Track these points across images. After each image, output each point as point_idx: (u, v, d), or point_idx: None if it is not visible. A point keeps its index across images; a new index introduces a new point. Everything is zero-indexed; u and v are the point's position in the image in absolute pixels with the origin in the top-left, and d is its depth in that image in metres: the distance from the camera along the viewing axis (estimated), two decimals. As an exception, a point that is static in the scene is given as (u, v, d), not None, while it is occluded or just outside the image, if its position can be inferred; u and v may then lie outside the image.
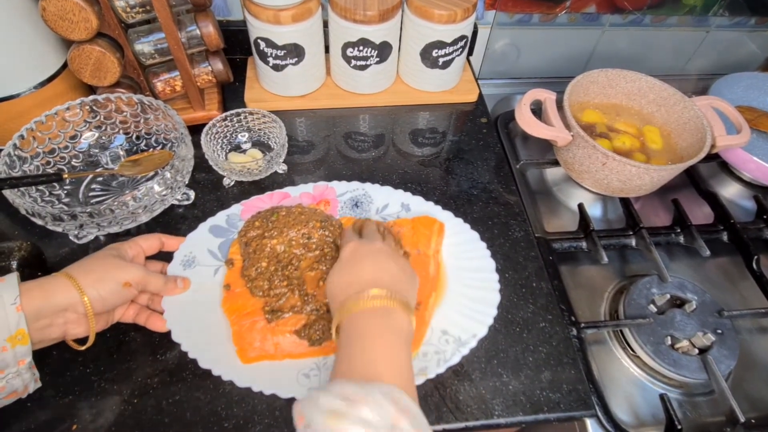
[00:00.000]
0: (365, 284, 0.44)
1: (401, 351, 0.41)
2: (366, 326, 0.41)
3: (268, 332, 0.50)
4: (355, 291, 0.43)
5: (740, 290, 0.67)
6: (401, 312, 0.43)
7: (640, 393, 0.56)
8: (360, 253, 0.47)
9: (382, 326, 0.41)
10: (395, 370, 0.39)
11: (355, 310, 0.42)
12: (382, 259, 0.47)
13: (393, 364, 0.39)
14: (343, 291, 0.44)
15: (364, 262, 0.46)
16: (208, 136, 0.64)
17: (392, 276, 0.45)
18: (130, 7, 0.59)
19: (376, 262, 0.46)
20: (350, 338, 0.41)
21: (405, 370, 0.40)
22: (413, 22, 0.71)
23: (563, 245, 0.67)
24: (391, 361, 0.39)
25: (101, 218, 0.53)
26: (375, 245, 0.48)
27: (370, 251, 0.48)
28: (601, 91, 0.76)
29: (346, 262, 0.47)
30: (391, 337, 0.41)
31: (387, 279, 0.45)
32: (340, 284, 0.46)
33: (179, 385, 0.49)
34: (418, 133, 0.76)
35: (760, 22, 0.90)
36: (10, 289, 0.41)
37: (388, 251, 0.48)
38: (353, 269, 0.46)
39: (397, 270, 0.46)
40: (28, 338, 0.41)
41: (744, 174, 0.79)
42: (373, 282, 0.44)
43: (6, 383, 0.41)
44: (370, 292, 0.42)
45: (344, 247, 0.49)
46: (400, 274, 0.46)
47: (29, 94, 0.62)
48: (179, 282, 0.52)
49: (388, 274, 0.45)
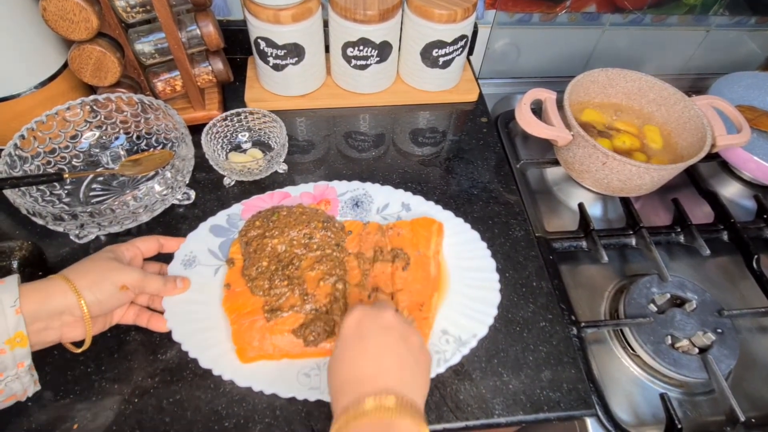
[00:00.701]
0: (366, 384, 0.39)
1: None
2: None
3: (266, 331, 0.50)
4: (353, 398, 0.38)
5: (740, 289, 0.67)
6: (407, 422, 0.36)
7: (640, 392, 0.56)
8: (364, 329, 0.42)
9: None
10: None
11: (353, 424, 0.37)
12: (391, 341, 0.41)
13: None
14: (342, 391, 0.39)
15: (367, 345, 0.41)
16: (209, 136, 0.64)
17: (400, 367, 0.40)
18: (131, 6, 0.59)
19: (382, 347, 0.41)
20: None
21: None
22: (413, 22, 0.71)
23: (563, 245, 0.67)
24: None
25: (102, 218, 0.53)
26: (384, 318, 0.43)
27: (378, 328, 0.42)
28: (602, 90, 0.76)
29: (347, 340, 0.42)
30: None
31: (394, 372, 0.40)
32: (339, 376, 0.40)
33: (180, 384, 0.49)
34: (418, 132, 0.76)
35: (760, 22, 0.90)
36: (9, 292, 0.41)
37: (399, 329, 0.42)
38: (355, 356, 0.41)
39: (407, 355, 0.41)
40: (27, 341, 0.41)
41: (744, 173, 0.79)
42: (375, 380, 0.39)
43: (5, 386, 0.41)
44: (370, 403, 0.37)
45: (348, 315, 0.44)
46: (409, 362, 0.41)
47: (30, 94, 0.62)
48: (178, 282, 0.52)
49: (395, 366, 0.40)
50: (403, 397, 0.38)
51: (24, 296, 0.41)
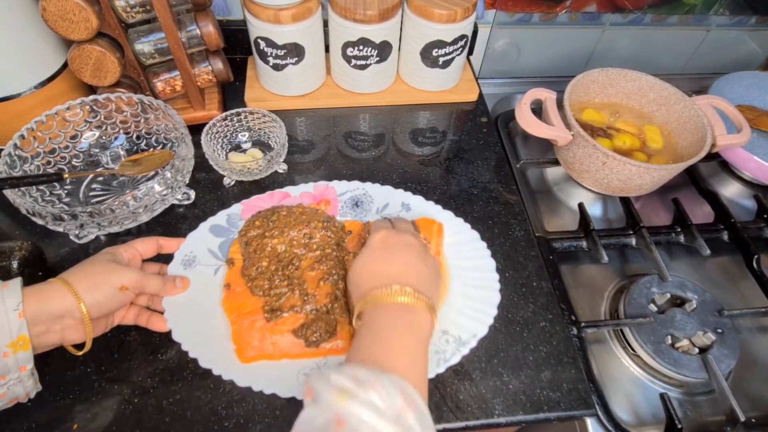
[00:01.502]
0: (393, 278, 0.43)
1: (419, 349, 0.41)
2: (388, 320, 0.41)
3: (266, 331, 0.50)
4: (382, 283, 0.43)
5: (740, 289, 0.67)
6: (425, 312, 0.42)
7: (640, 392, 0.56)
8: (390, 244, 0.47)
9: (405, 323, 0.41)
10: (410, 366, 0.39)
11: (380, 302, 0.42)
12: (412, 255, 0.46)
13: (409, 360, 0.39)
14: (369, 280, 0.44)
15: (393, 254, 0.46)
16: (209, 136, 0.64)
17: (419, 274, 0.45)
18: (130, 6, 0.59)
19: (406, 257, 0.46)
20: (370, 328, 0.41)
21: (420, 369, 0.40)
22: (413, 22, 0.71)
23: (563, 244, 0.67)
24: (407, 357, 0.39)
25: (102, 218, 0.53)
26: (407, 238, 0.48)
27: (401, 243, 0.47)
28: (602, 90, 0.76)
29: (374, 249, 0.47)
30: (411, 335, 0.41)
31: (414, 277, 0.44)
32: (366, 273, 0.45)
33: (180, 384, 0.49)
34: (418, 132, 0.76)
35: (760, 21, 0.90)
36: (13, 295, 0.41)
37: (419, 247, 0.47)
38: (381, 259, 0.46)
39: (425, 269, 0.46)
40: (30, 344, 0.41)
41: (744, 173, 0.79)
42: (400, 277, 0.43)
43: (7, 390, 0.41)
44: (398, 288, 0.42)
45: (374, 233, 0.48)
46: (427, 274, 0.46)
47: (30, 94, 0.62)
48: (178, 282, 0.52)
49: (415, 272, 0.45)
50: (423, 293, 0.43)
51: (25, 300, 0.41)
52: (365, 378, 0.34)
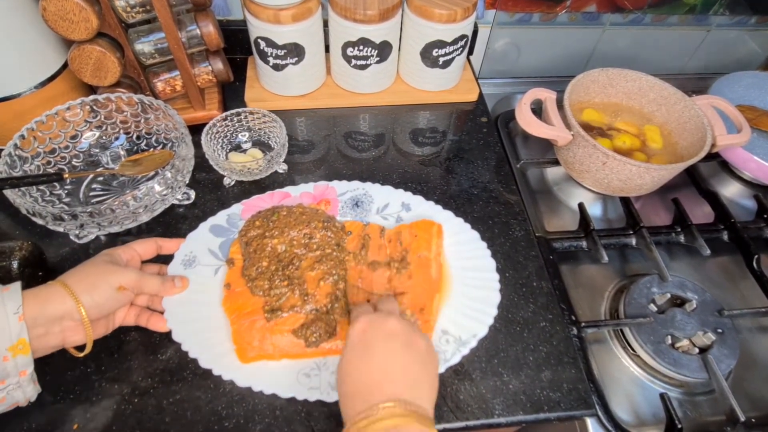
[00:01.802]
0: (374, 392, 0.39)
1: None
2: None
3: (266, 331, 0.50)
4: (366, 404, 0.39)
5: (741, 289, 0.67)
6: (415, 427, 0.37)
7: (640, 392, 0.56)
8: (369, 339, 0.43)
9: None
10: None
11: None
12: (397, 348, 0.42)
13: None
14: (353, 401, 0.40)
15: (373, 354, 0.42)
16: (209, 136, 0.64)
17: (405, 374, 0.41)
18: (131, 6, 0.59)
19: (388, 354, 0.42)
20: None
21: None
22: (413, 22, 0.71)
23: (564, 244, 0.67)
24: None
25: (102, 218, 0.53)
26: (387, 325, 0.43)
27: (382, 336, 0.43)
28: (602, 90, 0.76)
29: (354, 347, 0.43)
30: None
31: (400, 380, 0.40)
32: (349, 387, 0.41)
33: (180, 384, 0.49)
34: (418, 132, 0.76)
35: (760, 21, 0.90)
36: (13, 298, 0.41)
37: (403, 336, 0.43)
38: (362, 362, 0.42)
39: (412, 361, 0.42)
40: (29, 348, 0.41)
41: (744, 173, 0.79)
42: (382, 388, 0.39)
43: (6, 395, 0.41)
44: (379, 410, 0.38)
45: (354, 324, 0.44)
46: (414, 368, 0.42)
47: (30, 94, 0.62)
48: (177, 282, 0.52)
49: (400, 373, 0.41)
50: (410, 403, 0.38)
51: (24, 303, 0.42)
52: None
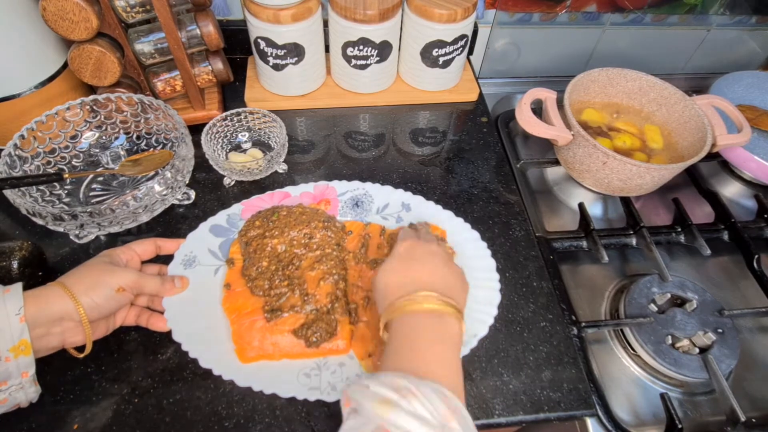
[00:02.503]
0: (420, 285, 0.43)
1: (452, 354, 0.40)
2: (418, 327, 0.41)
3: (266, 331, 0.50)
4: (408, 291, 0.43)
5: (741, 289, 0.67)
6: (453, 318, 0.42)
7: (640, 392, 0.56)
8: (416, 252, 0.47)
9: (435, 329, 0.41)
10: (446, 371, 0.39)
11: (407, 310, 0.42)
12: (438, 262, 0.46)
13: (444, 368, 0.39)
14: (395, 289, 0.44)
15: (420, 262, 0.46)
16: (209, 136, 0.64)
17: (446, 281, 0.45)
18: (130, 6, 0.59)
19: (432, 265, 0.46)
20: (402, 337, 0.41)
21: (455, 373, 0.40)
22: (413, 22, 0.71)
23: (564, 244, 0.67)
24: (442, 363, 0.39)
25: (102, 218, 0.53)
26: (432, 247, 0.48)
27: (428, 252, 0.47)
28: (602, 90, 0.76)
29: (401, 258, 0.47)
30: (442, 342, 0.40)
31: (441, 283, 0.44)
32: (393, 281, 0.45)
33: (180, 384, 0.49)
34: (418, 132, 0.76)
35: (760, 21, 0.90)
36: (14, 300, 0.41)
37: (444, 256, 0.48)
38: (408, 268, 0.46)
39: (451, 276, 0.46)
40: (31, 349, 0.41)
41: (745, 173, 0.79)
42: (428, 284, 0.44)
43: (8, 396, 0.41)
44: (425, 294, 0.42)
45: (401, 242, 0.49)
46: (453, 280, 0.46)
47: (30, 94, 0.62)
48: (177, 282, 0.52)
49: (442, 279, 0.45)
50: (448, 297, 0.43)
51: (24, 304, 0.42)
52: (406, 387, 0.34)
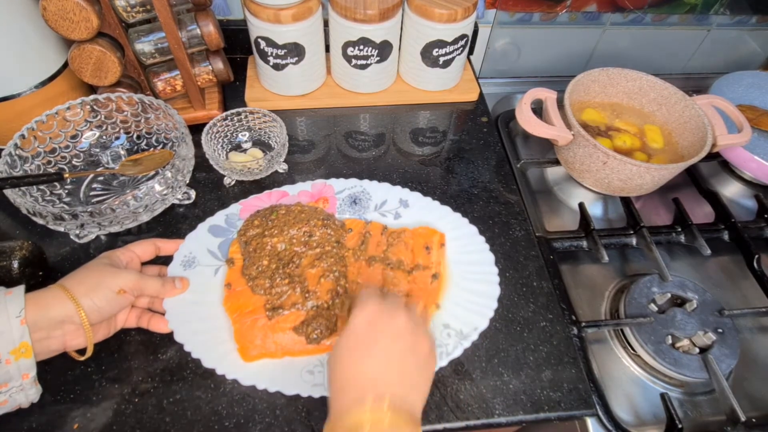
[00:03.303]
0: (368, 387, 0.39)
1: None
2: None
3: (268, 330, 0.50)
4: (355, 398, 0.39)
5: (741, 289, 0.67)
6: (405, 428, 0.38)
7: (640, 392, 0.56)
8: (376, 331, 0.42)
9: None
10: None
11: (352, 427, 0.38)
12: (398, 350, 0.42)
13: None
14: (343, 389, 0.40)
15: (375, 349, 0.41)
16: (209, 136, 0.64)
17: (402, 375, 0.41)
18: (131, 6, 0.59)
19: (390, 355, 0.41)
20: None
21: None
22: (414, 21, 0.71)
23: (564, 244, 0.67)
24: None
25: (102, 218, 0.53)
26: (396, 323, 0.43)
27: (389, 334, 0.42)
28: (602, 90, 0.76)
29: (357, 336, 0.42)
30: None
31: (398, 382, 0.40)
32: (343, 376, 0.41)
33: (180, 384, 0.49)
34: (418, 132, 0.76)
35: (761, 21, 0.90)
36: (16, 302, 0.41)
37: (410, 335, 0.42)
38: (360, 357, 0.41)
39: (413, 365, 0.42)
40: (32, 351, 0.41)
41: (745, 173, 0.79)
42: (382, 385, 0.40)
43: (9, 397, 0.41)
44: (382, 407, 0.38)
45: (361, 309, 0.43)
46: (413, 372, 0.42)
47: (30, 94, 0.62)
48: (177, 283, 0.52)
49: (397, 373, 0.41)
50: (401, 405, 0.39)
51: (25, 306, 0.42)
52: None
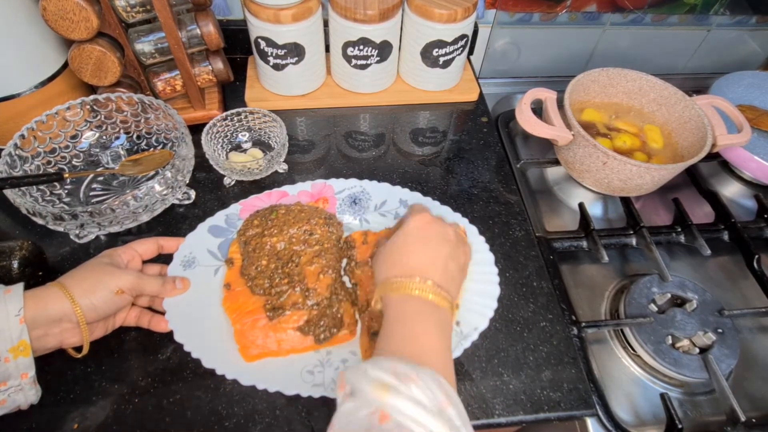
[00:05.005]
0: (422, 271, 0.44)
1: (446, 345, 0.42)
2: (416, 313, 0.42)
3: (270, 330, 0.50)
4: (407, 273, 0.44)
5: (741, 289, 0.67)
6: (447, 310, 0.44)
7: (640, 392, 0.56)
8: (430, 232, 0.47)
9: (431, 318, 0.42)
10: (441, 359, 0.40)
11: (405, 292, 0.43)
12: (447, 251, 0.46)
13: (439, 355, 0.40)
14: (396, 266, 0.45)
15: (429, 244, 0.46)
16: (209, 136, 0.64)
17: (448, 273, 0.46)
18: (131, 6, 0.59)
19: (440, 251, 0.46)
20: (399, 320, 0.42)
21: (449, 363, 0.41)
22: (414, 21, 0.71)
23: (564, 244, 0.67)
24: (437, 352, 0.40)
25: (102, 218, 0.53)
26: (447, 229, 0.48)
27: (440, 235, 0.47)
28: (602, 90, 0.76)
29: (412, 233, 0.47)
30: (439, 330, 0.42)
31: (441, 274, 0.45)
32: (397, 255, 0.46)
33: (180, 384, 0.49)
34: (418, 132, 0.76)
35: (761, 21, 0.90)
36: (15, 300, 0.41)
37: (454, 244, 0.48)
38: (415, 247, 0.46)
39: (455, 268, 0.47)
40: (30, 350, 0.41)
41: (745, 173, 0.79)
42: (429, 272, 0.44)
43: (7, 397, 0.41)
44: (427, 284, 0.43)
45: (415, 216, 0.48)
46: (455, 273, 0.47)
47: (30, 94, 0.62)
48: (178, 283, 0.52)
49: (445, 270, 0.45)
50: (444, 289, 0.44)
51: (24, 304, 0.42)
52: (405, 372, 0.34)
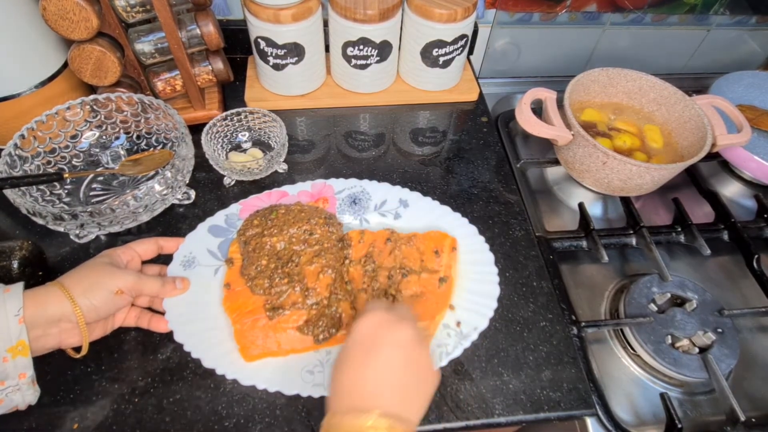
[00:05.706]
0: (367, 398, 0.39)
1: None
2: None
3: (270, 329, 0.50)
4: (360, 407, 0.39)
5: (741, 289, 0.67)
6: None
7: (640, 392, 0.56)
8: (378, 340, 0.42)
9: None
10: None
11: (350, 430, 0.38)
12: (399, 362, 0.41)
13: None
14: (345, 393, 0.41)
15: (376, 359, 0.41)
16: (209, 136, 0.64)
17: (401, 389, 0.41)
18: (131, 6, 0.59)
19: (391, 364, 0.41)
20: None
21: None
22: (413, 21, 0.71)
23: (564, 244, 0.67)
24: None
25: (102, 218, 0.53)
26: (400, 333, 0.42)
27: (391, 344, 0.41)
28: (602, 90, 0.76)
29: (358, 345, 0.42)
30: None
31: (395, 394, 0.40)
32: (346, 375, 0.41)
33: (180, 384, 0.49)
34: (418, 132, 0.76)
35: (761, 21, 0.90)
36: (14, 300, 0.41)
37: (410, 348, 0.42)
38: (360, 366, 0.41)
39: (413, 380, 0.42)
40: (29, 350, 0.41)
41: (745, 173, 0.79)
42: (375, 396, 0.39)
43: (5, 397, 0.41)
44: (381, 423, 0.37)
45: (365, 318, 0.43)
46: (411, 386, 0.41)
47: (30, 94, 0.62)
48: (178, 283, 0.52)
49: (397, 387, 0.40)
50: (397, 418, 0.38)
51: (23, 304, 0.42)
52: None
